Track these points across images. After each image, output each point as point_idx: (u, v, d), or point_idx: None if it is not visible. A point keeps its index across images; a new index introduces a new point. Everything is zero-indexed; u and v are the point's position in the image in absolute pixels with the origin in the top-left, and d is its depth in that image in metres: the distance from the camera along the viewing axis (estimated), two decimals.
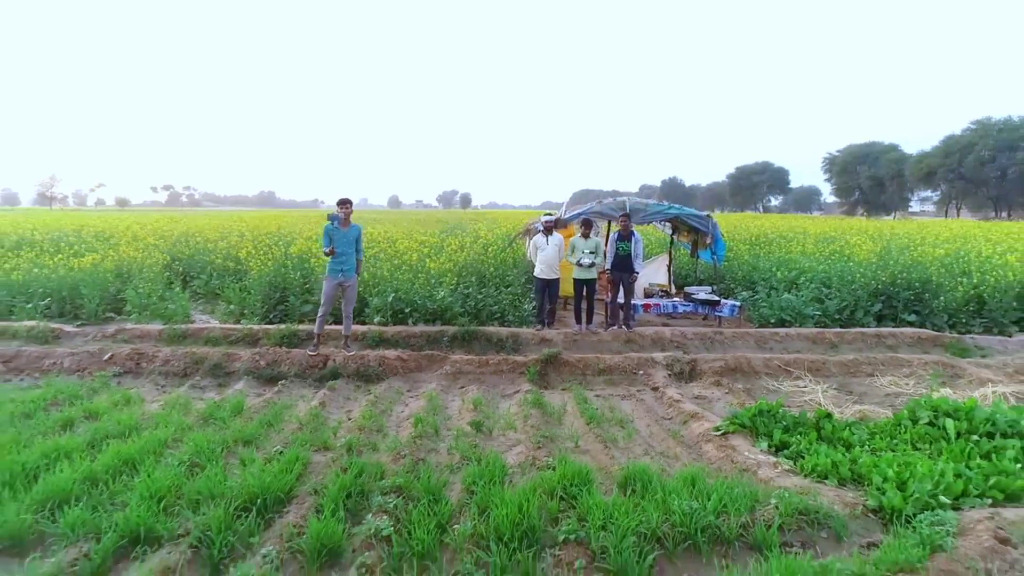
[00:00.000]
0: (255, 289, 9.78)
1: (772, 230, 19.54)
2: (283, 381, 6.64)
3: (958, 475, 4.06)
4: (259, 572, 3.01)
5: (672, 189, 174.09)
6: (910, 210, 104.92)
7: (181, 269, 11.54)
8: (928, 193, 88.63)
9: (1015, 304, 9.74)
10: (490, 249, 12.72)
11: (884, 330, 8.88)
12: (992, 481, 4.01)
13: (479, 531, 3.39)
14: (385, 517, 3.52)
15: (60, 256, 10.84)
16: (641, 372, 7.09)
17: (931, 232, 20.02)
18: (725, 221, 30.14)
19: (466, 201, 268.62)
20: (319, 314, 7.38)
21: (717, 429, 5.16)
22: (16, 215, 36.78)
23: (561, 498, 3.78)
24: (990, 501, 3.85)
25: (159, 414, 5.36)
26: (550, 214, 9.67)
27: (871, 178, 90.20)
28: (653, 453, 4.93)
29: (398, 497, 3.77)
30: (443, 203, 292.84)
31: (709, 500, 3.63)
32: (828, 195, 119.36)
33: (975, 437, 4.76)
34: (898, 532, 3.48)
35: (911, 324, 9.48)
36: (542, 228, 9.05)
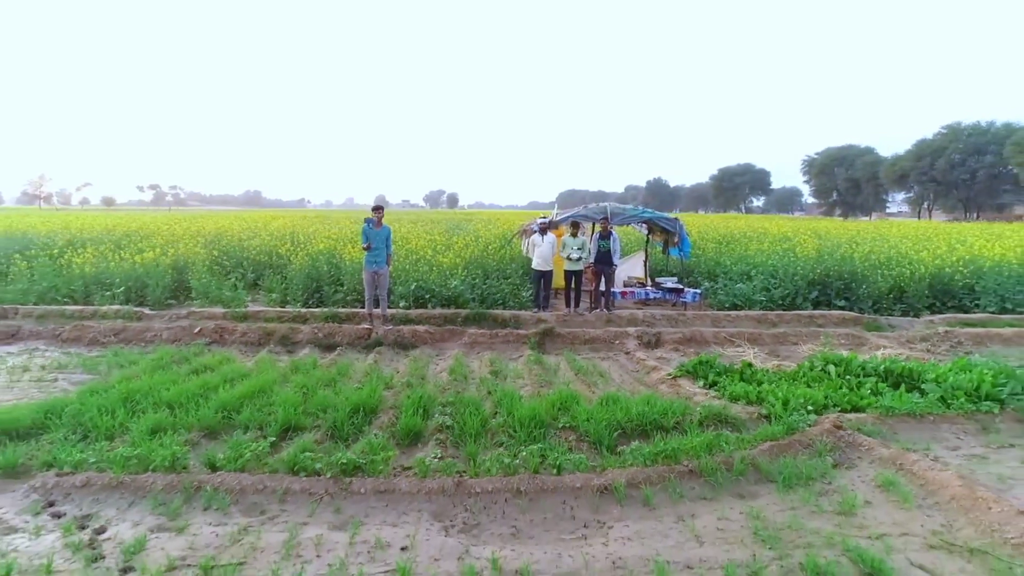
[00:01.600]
0: (296, 280, 11.62)
1: (738, 230, 21.67)
2: (339, 348, 8.50)
3: (825, 396, 6.04)
4: (375, 441, 4.88)
5: (657, 190, 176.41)
6: (888, 211, 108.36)
7: (226, 263, 13.29)
8: (902, 195, 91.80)
9: (927, 292, 11.84)
10: (490, 247, 14.64)
11: (816, 312, 10.92)
12: (847, 399, 6.00)
13: (508, 422, 5.30)
14: (446, 417, 5.43)
15: (124, 252, 12.56)
16: (617, 342, 9.03)
17: (886, 232, 22.22)
18: (703, 222, 32.40)
19: (453, 201, 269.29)
20: (365, 298, 9.28)
21: (670, 375, 7.12)
22: (9, 215, 37.91)
23: (558, 408, 5.69)
24: (840, 409, 5.83)
25: (256, 367, 7.20)
26: (544, 217, 11.66)
27: (847, 180, 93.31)
28: (623, 390, 6.86)
29: (451, 408, 5.68)
30: (430, 203, 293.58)
31: (656, 407, 5.57)
32: (808, 196, 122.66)
33: (848, 377, 6.75)
34: (774, 424, 5.44)
35: (841, 308, 11.53)
36: (538, 229, 11.01)
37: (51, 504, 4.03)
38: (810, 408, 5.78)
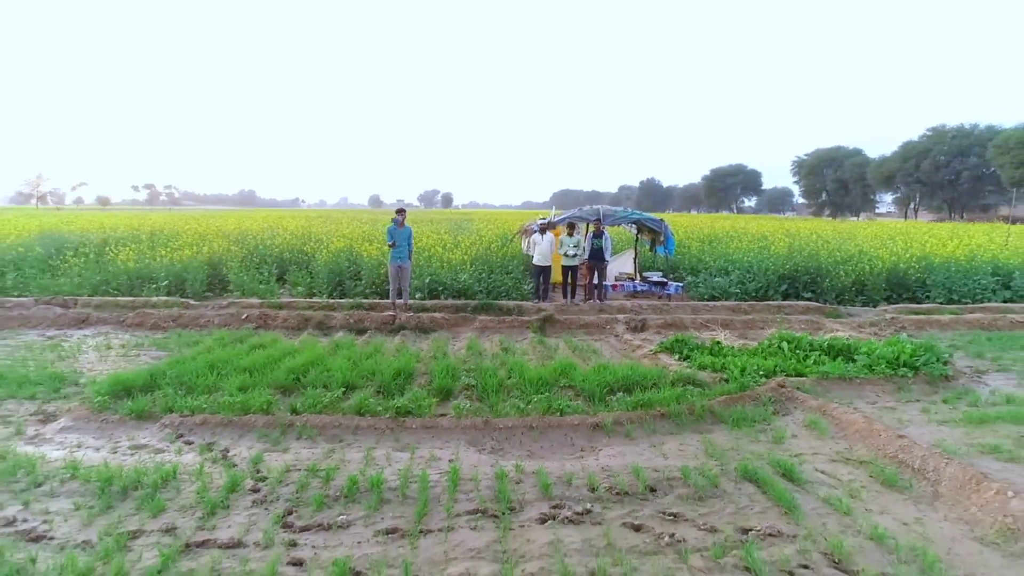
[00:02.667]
0: (321, 274, 12.95)
1: (723, 230, 23.14)
2: (368, 331, 9.84)
3: (775, 365, 7.43)
4: (417, 394, 6.23)
5: (650, 190, 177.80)
6: (877, 211, 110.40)
7: (255, 259, 14.60)
8: (889, 195, 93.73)
9: (884, 285, 13.29)
10: (492, 246, 16.02)
11: (784, 303, 12.35)
12: (793, 367, 7.40)
13: (519, 382, 6.66)
14: (470, 379, 6.79)
15: (163, 250, 13.86)
16: (608, 327, 10.41)
17: (857, 232, 23.71)
18: (691, 222, 33.90)
19: (447, 201, 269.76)
20: (390, 289, 10.63)
21: (651, 350, 8.51)
22: (8, 214, 38.96)
23: (559, 373, 7.05)
24: (785, 374, 7.23)
25: (302, 346, 8.52)
26: (544, 218, 13.05)
27: (836, 181, 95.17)
28: (612, 362, 8.23)
29: (473, 373, 7.04)
30: (424, 202, 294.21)
31: (638, 372, 6.95)
32: (799, 197, 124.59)
33: (799, 351, 8.15)
34: (731, 384, 6.83)
35: (807, 300, 12.95)
36: (538, 229, 12.39)
37: (180, 436, 5.37)
38: (762, 373, 7.18)
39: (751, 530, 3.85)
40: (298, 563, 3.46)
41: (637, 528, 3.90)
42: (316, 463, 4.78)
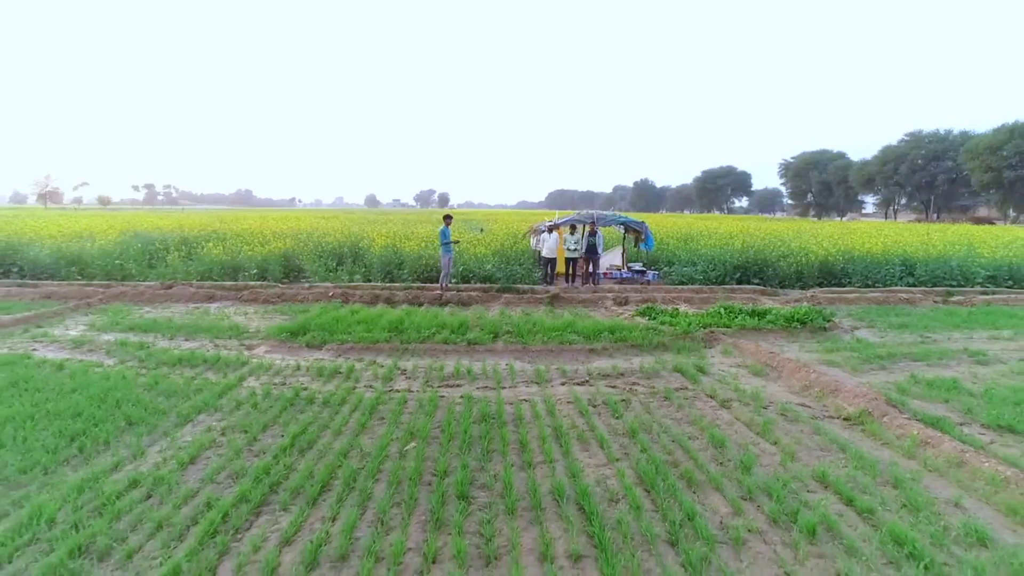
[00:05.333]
0: (376, 264, 16.48)
1: (697, 230, 26.86)
2: (424, 304, 13.36)
3: (712, 321, 11.01)
4: (478, 334, 9.75)
5: (644, 191, 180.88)
6: (864, 212, 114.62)
7: (317, 253, 18.10)
8: (870, 197, 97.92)
9: (816, 274, 16.92)
10: (505, 244, 19.58)
11: (736, 287, 15.95)
12: (723, 323, 10.99)
13: (541, 329, 10.21)
14: (509, 327, 10.35)
15: (248, 246, 17.37)
16: (600, 302, 13.97)
17: (813, 231, 27.42)
18: (674, 222, 37.67)
19: (444, 201, 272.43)
20: (444, 274, 14.17)
21: (630, 315, 12.09)
22: (22, 214, 42.14)
23: (566, 325, 10.60)
24: (716, 326, 10.81)
25: (382, 311, 12.01)
26: (550, 220, 16.66)
27: (820, 183, 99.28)
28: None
29: (509, 324, 10.60)
30: (420, 202, 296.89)
31: (619, 324, 10.51)
32: (788, 198, 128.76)
33: (731, 314, 11.73)
34: (678, 330, 10.42)
35: (755, 284, 16.55)
36: (546, 229, 15.98)
37: (341, 355, 8.88)
38: (701, 325, 10.75)
39: (675, 389, 7.42)
40: (442, 396, 6.99)
41: (613, 387, 7.47)
42: (430, 364, 8.33)
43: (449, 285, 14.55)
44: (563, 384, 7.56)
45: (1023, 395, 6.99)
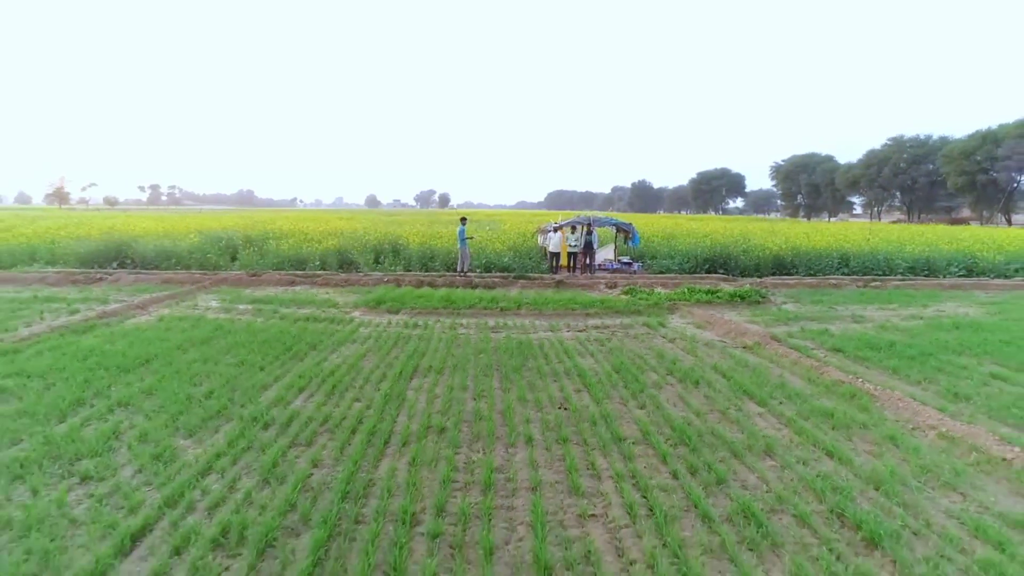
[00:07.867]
0: (414, 258, 20.41)
1: (680, 229, 30.87)
2: (458, 287, 17.26)
3: (677, 297, 14.95)
4: (506, 305, 13.67)
5: (642, 191, 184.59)
6: (854, 212, 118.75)
7: (362, 248, 21.98)
8: (857, 199, 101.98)
9: (770, 265, 20.87)
10: (518, 242, 23.53)
11: (704, 275, 19.88)
12: (685, 298, 14.92)
13: (551, 302, 14.14)
14: (530, 303, 14.29)
15: (308, 243, 21.29)
16: (595, 287, 17.88)
17: (782, 231, 31.40)
18: (662, 222, 41.75)
19: (444, 201, 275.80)
20: (463, 261, 18.11)
21: (617, 294, 16.03)
22: (44, 215, 45.87)
23: (570, 299, 14.51)
24: (679, 300, 14.74)
25: (429, 292, 15.89)
26: (555, 222, 20.67)
27: (809, 185, 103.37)
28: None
29: (528, 300, 14.53)
30: (420, 202, 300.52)
31: (607, 299, 14.43)
32: (779, 199, 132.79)
33: (693, 293, 15.64)
34: (650, 303, 14.35)
35: (720, 274, 20.47)
36: (551, 229, 19.97)
37: (414, 316, 12.79)
38: (668, 299, 14.67)
39: (641, 334, 11.33)
40: (491, 336, 10.89)
41: (601, 333, 11.39)
42: (477, 322, 12.24)
43: (472, 273, 18.47)
44: (568, 332, 11.49)
45: (867, 337, 10.91)
